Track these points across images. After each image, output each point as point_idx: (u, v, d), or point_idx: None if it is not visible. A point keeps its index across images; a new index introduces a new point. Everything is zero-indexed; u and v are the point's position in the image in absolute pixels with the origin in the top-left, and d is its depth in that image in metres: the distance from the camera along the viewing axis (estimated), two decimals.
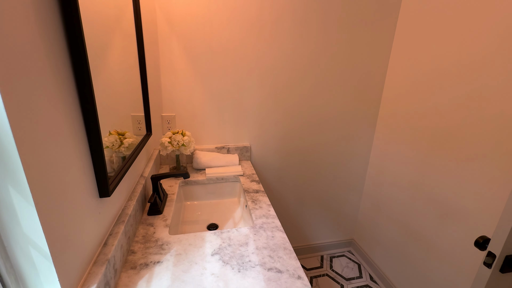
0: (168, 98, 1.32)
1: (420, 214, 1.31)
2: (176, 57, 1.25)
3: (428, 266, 1.29)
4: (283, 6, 1.27)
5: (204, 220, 1.15)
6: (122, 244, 0.69)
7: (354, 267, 1.78)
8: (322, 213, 1.79)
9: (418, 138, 1.31)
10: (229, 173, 1.30)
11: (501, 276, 0.73)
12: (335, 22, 1.35)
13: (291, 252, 0.78)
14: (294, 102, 1.46)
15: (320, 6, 1.31)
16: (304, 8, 1.29)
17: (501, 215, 0.69)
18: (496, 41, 0.94)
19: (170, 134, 1.24)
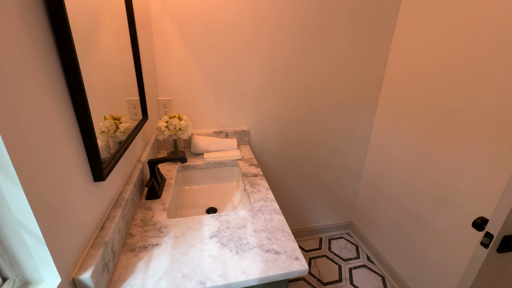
0: (164, 81, 1.28)
1: (418, 197, 1.32)
2: (171, 39, 1.20)
3: (424, 246, 1.31)
4: None
5: (203, 204, 1.15)
6: (120, 228, 0.69)
7: (352, 248, 1.82)
8: (321, 197, 1.80)
9: (419, 122, 1.28)
10: (228, 158, 1.29)
11: (498, 255, 0.74)
12: (336, 4, 1.28)
13: (289, 234, 0.78)
14: (293, 86, 1.42)
15: None
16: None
17: (501, 196, 0.68)
18: (500, 26, 0.89)
19: (167, 119, 1.21)
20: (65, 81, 0.51)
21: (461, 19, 1.05)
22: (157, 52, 1.21)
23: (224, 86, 1.35)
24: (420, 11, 1.24)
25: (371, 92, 1.54)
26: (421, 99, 1.27)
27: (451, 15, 1.08)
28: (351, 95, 1.52)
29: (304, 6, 1.26)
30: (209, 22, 1.20)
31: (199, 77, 1.30)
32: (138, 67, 1.08)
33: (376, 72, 1.50)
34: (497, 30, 0.92)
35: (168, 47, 1.21)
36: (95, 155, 0.59)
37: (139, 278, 0.62)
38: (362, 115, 1.59)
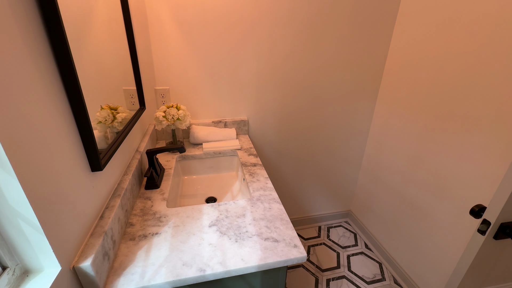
0: (161, 70, 1.25)
1: (417, 185, 1.32)
2: (167, 26, 1.17)
3: (420, 234, 1.33)
4: None
5: (202, 194, 1.15)
6: (119, 217, 0.70)
7: (350, 236, 1.85)
8: (320, 186, 1.81)
9: (419, 111, 1.27)
10: (227, 147, 1.29)
11: (494, 242, 0.75)
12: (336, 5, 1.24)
13: (288, 222, 0.79)
14: (293, 75, 1.40)
15: None
16: None
17: (500, 184, 0.68)
18: (501, 16, 0.86)
19: (165, 108, 1.20)
20: (57, 69, 0.50)
21: (463, 9, 1.01)
22: (153, 40, 1.18)
23: (222, 75, 1.32)
24: (421, 0, 1.20)
25: (372, 81, 1.52)
26: (421, 88, 1.25)
27: (453, 4, 1.05)
28: (351, 85, 1.50)
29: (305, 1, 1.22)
30: (207, 10, 1.17)
31: (197, 66, 1.28)
32: (133, 55, 1.05)
33: (377, 62, 1.47)
34: (498, 21, 0.90)
35: (164, 35, 1.18)
36: (92, 145, 0.58)
37: (139, 266, 0.62)
38: (362, 104, 1.58)
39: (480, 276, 0.84)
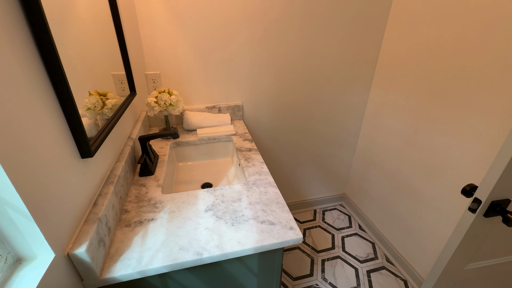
0: (151, 54, 1.21)
1: (411, 167, 1.34)
2: (155, 9, 1.11)
3: (413, 214, 1.36)
4: None
5: (198, 180, 1.15)
6: (113, 204, 0.69)
7: (345, 219, 1.89)
8: (316, 170, 1.82)
9: (415, 92, 1.26)
10: (221, 133, 1.27)
11: (485, 220, 0.77)
12: None
13: (284, 205, 0.79)
14: (287, 58, 1.36)
15: None
16: None
17: (492, 164, 0.69)
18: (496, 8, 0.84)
19: (156, 94, 1.16)
20: (37, 50, 0.47)
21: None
22: (140, 22, 1.12)
23: (215, 59, 1.28)
24: None
25: (367, 65, 1.50)
26: (416, 71, 1.24)
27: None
28: (346, 68, 1.47)
29: None
30: None
31: (188, 50, 1.23)
32: (121, 39, 1.00)
33: (372, 45, 1.44)
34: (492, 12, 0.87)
35: (152, 17, 1.12)
36: (80, 131, 0.56)
37: (136, 251, 0.62)
38: (357, 87, 1.56)
39: (469, 252, 0.87)
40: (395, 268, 1.51)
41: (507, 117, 0.89)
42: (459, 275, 0.94)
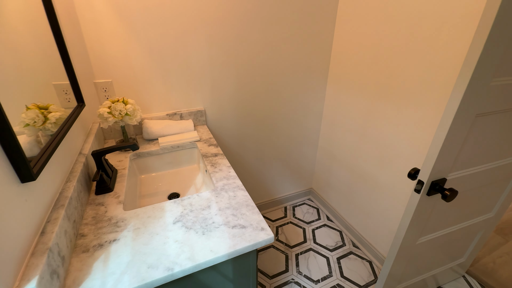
0: (99, 61, 1.11)
1: (365, 157, 1.47)
2: (101, 13, 1.03)
3: (371, 200, 1.49)
4: None
5: (164, 191, 1.10)
6: (66, 229, 0.62)
7: (314, 212, 1.98)
8: (283, 168, 1.88)
9: (364, 89, 1.38)
10: (185, 140, 1.23)
11: (428, 198, 0.88)
12: None
13: (254, 207, 0.80)
14: (246, 60, 1.38)
15: None
16: None
17: (429, 149, 0.79)
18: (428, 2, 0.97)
19: (109, 103, 1.08)
20: None
21: None
22: (84, 27, 1.03)
23: (172, 63, 1.24)
24: None
25: (322, 63, 1.59)
26: (363, 71, 1.36)
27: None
28: (303, 67, 1.55)
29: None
30: None
31: (142, 56, 1.17)
32: (61, 45, 0.91)
33: (325, 45, 1.54)
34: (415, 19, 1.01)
35: (98, 22, 1.04)
36: (16, 151, 0.50)
37: (97, 278, 0.57)
38: (314, 86, 1.65)
39: (419, 228, 0.98)
40: (361, 251, 1.64)
41: (438, 107, 1.03)
42: (413, 249, 1.06)
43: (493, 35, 0.60)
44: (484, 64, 0.64)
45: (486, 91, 0.71)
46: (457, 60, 0.92)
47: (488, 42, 0.60)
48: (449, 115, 0.72)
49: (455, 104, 0.70)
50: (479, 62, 0.63)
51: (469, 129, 0.77)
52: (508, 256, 1.64)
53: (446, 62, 0.97)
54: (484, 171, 0.93)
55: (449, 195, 0.81)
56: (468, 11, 0.87)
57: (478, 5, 0.84)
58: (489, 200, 1.10)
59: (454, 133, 0.75)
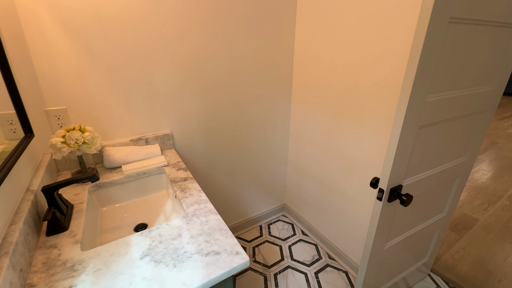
0: (51, 87, 1.04)
1: (333, 169, 1.55)
2: (53, 36, 0.98)
3: (341, 211, 1.56)
4: None
5: (130, 222, 1.02)
6: (11, 281, 0.54)
7: (289, 228, 1.99)
8: (255, 187, 1.88)
9: (325, 106, 1.49)
10: (151, 166, 1.18)
11: (389, 205, 0.95)
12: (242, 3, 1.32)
13: (227, 231, 0.78)
14: (211, 81, 1.40)
15: None
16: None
17: (385, 159, 0.87)
18: (377, 22, 1.12)
19: (64, 132, 1.00)
20: None
21: (350, 15, 1.25)
22: (34, 52, 0.97)
23: (134, 87, 1.20)
24: (314, 9, 1.42)
25: (285, 81, 1.68)
26: (323, 85, 1.47)
27: (341, 11, 1.28)
28: (267, 86, 1.62)
29: (214, 13, 1.25)
30: (103, 16, 1.04)
31: (100, 79, 1.12)
32: (6, 72, 0.84)
33: (286, 65, 1.64)
34: (380, 21, 1.15)
35: (50, 46, 0.98)
36: None
37: None
38: (280, 104, 1.73)
39: (385, 233, 1.05)
40: (337, 262, 1.67)
41: (389, 120, 1.15)
42: (382, 254, 1.11)
43: (422, 63, 0.71)
44: (418, 84, 0.75)
45: (424, 106, 0.81)
46: (401, 79, 1.06)
47: (419, 68, 0.71)
48: (397, 128, 0.81)
49: (400, 118, 0.79)
50: (414, 83, 0.73)
51: (414, 140, 0.87)
52: (464, 251, 1.81)
53: (393, 81, 1.10)
54: (432, 175, 1.04)
55: (406, 200, 0.89)
56: (410, 37, 1.01)
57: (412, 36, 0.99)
58: (440, 201, 1.23)
59: (403, 144, 0.84)
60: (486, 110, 1.07)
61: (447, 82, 0.84)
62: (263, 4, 1.40)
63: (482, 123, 1.09)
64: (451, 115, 0.93)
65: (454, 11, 0.71)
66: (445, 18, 0.69)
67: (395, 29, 1.04)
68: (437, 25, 0.69)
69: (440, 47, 0.74)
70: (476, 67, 0.90)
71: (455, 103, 0.91)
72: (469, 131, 1.08)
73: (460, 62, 0.84)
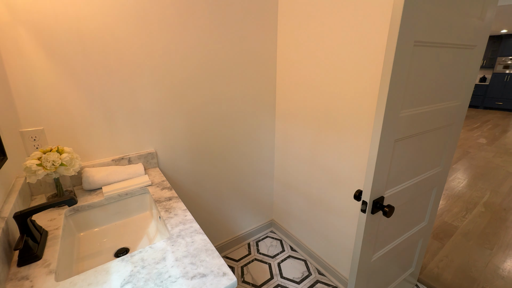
0: (28, 108, 1.01)
1: (318, 183, 1.57)
2: (31, 55, 0.96)
3: (329, 224, 1.57)
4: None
5: (110, 247, 0.97)
6: None
7: (277, 244, 1.96)
8: (242, 204, 1.86)
9: (308, 122, 1.54)
10: (134, 186, 1.14)
11: (373, 216, 0.97)
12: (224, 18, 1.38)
13: (214, 251, 0.76)
14: (196, 99, 1.42)
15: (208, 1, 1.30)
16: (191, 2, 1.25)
17: (366, 173, 0.91)
18: (351, 46, 1.21)
19: (39, 154, 0.95)
20: None
21: (327, 38, 1.33)
22: (10, 71, 0.94)
23: (116, 106, 1.19)
24: (294, 33, 1.50)
25: (269, 98, 1.73)
26: (305, 101, 1.53)
27: (320, 35, 1.37)
28: (252, 102, 1.65)
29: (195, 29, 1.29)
30: (84, 33, 1.04)
31: (81, 98, 1.10)
32: None
33: (270, 82, 1.69)
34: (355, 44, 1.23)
35: (28, 65, 0.97)
36: None
37: None
38: (264, 120, 1.76)
39: (371, 246, 1.06)
40: (326, 278, 1.65)
41: (368, 133, 1.21)
42: (370, 266, 1.12)
43: (393, 82, 0.77)
44: (391, 101, 0.80)
45: (398, 121, 0.87)
46: (376, 97, 1.13)
47: (391, 86, 0.77)
48: (375, 142, 0.85)
49: (377, 133, 0.83)
50: (387, 100, 0.78)
51: (392, 152, 0.92)
52: (448, 259, 1.85)
53: (369, 98, 1.17)
54: (411, 185, 1.09)
55: (388, 211, 0.92)
56: (382, 58, 1.09)
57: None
58: (421, 210, 1.28)
59: (382, 157, 0.88)
60: (455, 123, 1.15)
61: (417, 99, 0.91)
62: (245, 26, 1.46)
63: (452, 135, 1.17)
64: (423, 128, 1.00)
65: (418, 35, 0.78)
66: (410, 42, 0.76)
67: (367, 52, 1.12)
68: (403, 48, 0.75)
69: (408, 67, 0.80)
70: (442, 84, 0.98)
71: (426, 118, 0.98)
72: (441, 143, 1.15)
73: (428, 80, 0.91)
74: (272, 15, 1.55)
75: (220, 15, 1.36)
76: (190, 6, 1.25)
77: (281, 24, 1.57)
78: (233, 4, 1.38)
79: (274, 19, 1.56)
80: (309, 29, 1.38)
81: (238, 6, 1.40)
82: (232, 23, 1.41)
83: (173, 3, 1.20)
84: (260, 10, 1.49)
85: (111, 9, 1.07)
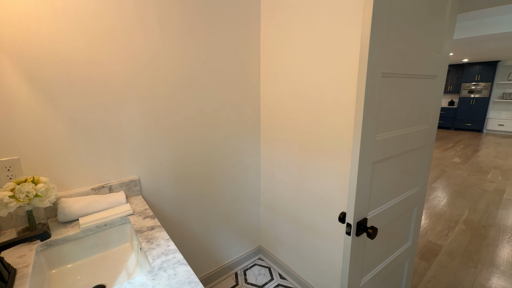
0: (4, 137, 0.97)
1: (305, 208, 1.57)
2: (12, 84, 0.96)
3: (316, 248, 1.55)
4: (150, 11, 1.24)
5: (84, 285, 0.90)
6: None
7: (266, 272, 1.89)
8: (228, 229, 1.81)
9: (291, 147, 1.58)
10: (114, 216, 1.09)
11: (358, 239, 0.98)
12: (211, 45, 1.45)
13: (197, 284, 0.73)
14: (181, 124, 1.43)
15: (189, 17, 1.37)
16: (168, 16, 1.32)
17: (348, 195, 0.93)
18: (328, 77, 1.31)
19: (13, 185, 0.91)
20: None
21: (307, 64, 1.43)
22: None
23: (99, 134, 1.18)
24: (274, 60, 1.60)
25: (253, 122, 1.77)
26: (288, 126, 1.58)
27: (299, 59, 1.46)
28: (236, 125, 1.69)
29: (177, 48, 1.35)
30: (69, 63, 1.05)
31: (62, 127, 1.08)
32: None
33: (253, 105, 1.75)
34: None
35: (7, 93, 0.95)
36: None
37: None
38: (249, 143, 1.79)
39: (358, 269, 1.05)
40: None
41: (348, 157, 1.26)
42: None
43: (366, 109, 0.84)
44: (367, 126, 0.86)
45: (374, 144, 0.92)
46: (353, 122, 1.20)
47: (365, 113, 0.83)
48: (354, 165, 0.89)
49: (356, 156, 0.88)
50: (363, 125, 0.84)
51: (371, 174, 0.96)
52: (435, 280, 1.86)
53: (346, 124, 1.24)
54: (392, 206, 1.13)
55: (372, 233, 0.93)
56: (355, 87, 1.18)
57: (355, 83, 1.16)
58: (404, 230, 1.30)
59: (362, 179, 0.92)
60: (427, 144, 1.24)
61: (390, 123, 0.98)
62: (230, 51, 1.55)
63: (425, 156, 1.25)
64: (398, 150, 1.06)
65: (385, 67, 0.87)
66: (378, 73, 0.85)
67: (342, 83, 1.21)
68: (372, 79, 0.83)
69: (378, 95, 0.88)
70: (411, 110, 1.07)
71: (400, 140, 1.05)
72: (416, 164, 1.22)
73: (397, 107, 0.99)
74: (255, 43, 1.65)
75: (206, 41, 1.43)
76: (180, 37, 1.32)
77: (263, 52, 1.67)
78: (218, 33, 1.47)
79: (257, 46, 1.67)
80: (288, 61, 1.48)
81: (223, 32, 1.49)
82: (217, 48, 1.48)
83: (161, 35, 1.26)
84: (244, 37, 1.59)
85: (97, 41, 1.10)
